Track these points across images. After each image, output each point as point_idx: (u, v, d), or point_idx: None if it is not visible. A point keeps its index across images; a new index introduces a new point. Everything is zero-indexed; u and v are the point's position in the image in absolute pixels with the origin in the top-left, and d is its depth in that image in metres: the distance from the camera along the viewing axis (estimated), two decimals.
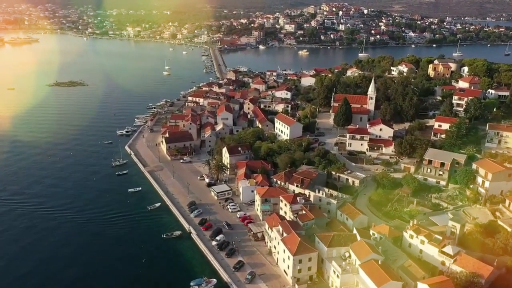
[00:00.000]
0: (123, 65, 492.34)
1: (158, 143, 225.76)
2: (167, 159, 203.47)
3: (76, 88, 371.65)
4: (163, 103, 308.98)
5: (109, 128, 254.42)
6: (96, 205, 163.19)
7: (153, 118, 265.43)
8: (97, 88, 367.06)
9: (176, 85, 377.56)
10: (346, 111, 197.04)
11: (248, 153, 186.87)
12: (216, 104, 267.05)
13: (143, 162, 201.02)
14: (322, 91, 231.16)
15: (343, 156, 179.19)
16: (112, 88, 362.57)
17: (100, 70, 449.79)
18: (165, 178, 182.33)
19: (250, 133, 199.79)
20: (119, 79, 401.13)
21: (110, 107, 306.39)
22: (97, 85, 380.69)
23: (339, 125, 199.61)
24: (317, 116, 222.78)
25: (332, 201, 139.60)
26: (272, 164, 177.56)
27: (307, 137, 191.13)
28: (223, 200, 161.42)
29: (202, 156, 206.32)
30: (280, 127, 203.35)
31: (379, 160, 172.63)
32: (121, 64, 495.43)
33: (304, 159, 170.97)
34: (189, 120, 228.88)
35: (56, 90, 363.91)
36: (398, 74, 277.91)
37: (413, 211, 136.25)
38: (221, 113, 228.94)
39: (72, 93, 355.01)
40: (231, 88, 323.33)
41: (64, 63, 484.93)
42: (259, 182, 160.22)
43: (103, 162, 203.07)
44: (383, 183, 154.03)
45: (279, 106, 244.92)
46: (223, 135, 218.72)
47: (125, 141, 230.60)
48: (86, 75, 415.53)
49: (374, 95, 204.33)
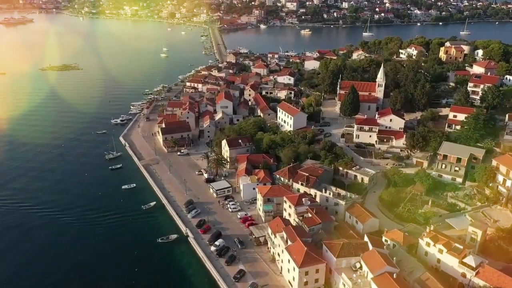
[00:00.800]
0: (119, 46, 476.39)
1: (154, 132, 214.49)
2: (163, 151, 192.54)
3: (70, 73, 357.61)
4: (160, 89, 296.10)
5: (103, 116, 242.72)
6: (86, 203, 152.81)
7: (149, 105, 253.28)
8: (91, 72, 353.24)
9: (174, 68, 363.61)
10: (354, 99, 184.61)
11: (249, 145, 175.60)
12: (215, 90, 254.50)
13: (138, 154, 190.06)
14: (327, 77, 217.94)
15: (351, 149, 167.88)
16: (107, 72, 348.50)
17: (96, 53, 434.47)
18: (161, 173, 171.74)
19: (251, 123, 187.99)
20: (115, 62, 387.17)
21: (105, 93, 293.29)
22: (92, 69, 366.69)
23: (346, 114, 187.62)
24: (322, 104, 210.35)
25: (340, 202, 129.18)
26: (275, 158, 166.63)
27: (312, 128, 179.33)
28: (222, 198, 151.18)
29: (200, 148, 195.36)
30: (283, 117, 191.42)
31: (389, 154, 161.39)
32: (118, 46, 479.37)
33: (309, 152, 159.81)
34: (187, 108, 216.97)
35: (49, 74, 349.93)
36: (407, 57, 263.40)
37: (428, 213, 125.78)
38: (220, 101, 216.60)
39: (66, 78, 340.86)
40: (231, 72, 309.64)
41: (58, 45, 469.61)
42: (261, 179, 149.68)
43: (96, 155, 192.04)
44: (394, 180, 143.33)
45: (282, 92, 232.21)
46: (223, 125, 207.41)
47: (119, 131, 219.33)
48: (81, 58, 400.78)
49: (383, 82, 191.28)
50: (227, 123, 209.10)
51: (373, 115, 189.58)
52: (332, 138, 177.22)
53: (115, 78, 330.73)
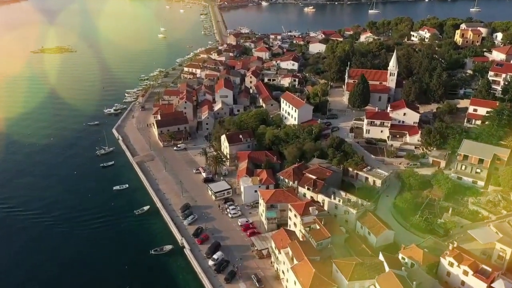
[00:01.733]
0: (116, 26, 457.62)
1: (149, 123, 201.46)
2: (159, 145, 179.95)
3: (64, 56, 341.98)
4: (157, 74, 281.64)
5: (96, 104, 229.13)
6: (74, 206, 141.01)
7: (144, 93, 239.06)
8: (86, 55, 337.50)
9: (172, 50, 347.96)
10: (364, 90, 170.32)
11: (250, 141, 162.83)
12: (214, 77, 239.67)
13: (132, 150, 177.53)
14: (334, 63, 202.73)
15: (360, 146, 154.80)
16: (102, 55, 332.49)
17: (91, 33, 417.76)
18: (156, 171, 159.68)
19: (253, 115, 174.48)
20: (110, 43, 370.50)
21: (99, 78, 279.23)
22: (86, 51, 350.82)
23: (355, 106, 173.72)
24: (329, 94, 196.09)
25: (351, 210, 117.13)
26: (278, 155, 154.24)
27: (318, 122, 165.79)
28: (222, 201, 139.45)
29: (198, 142, 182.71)
30: (286, 109, 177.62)
31: (403, 152, 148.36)
32: (114, 25, 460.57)
33: (316, 150, 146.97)
34: (184, 98, 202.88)
35: (41, 58, 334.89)
36: (419, 40, 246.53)
37: (448, 223, 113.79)
38: (220, 90, 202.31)
39: (59, 61, 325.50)
40: (231, 56, 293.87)
41: (53, 25, 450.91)
42: (264, 181, 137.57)
43: (87, 149, 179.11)
44: (409, 182, 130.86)
45: (285, 80, 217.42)
46: (222, 116, 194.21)
47: (113, 121, 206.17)
48: (76, 39, 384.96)
49: (396, 71, 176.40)
50: (227, 114, 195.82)
51: (384, 107, 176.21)
52: (340, 133, 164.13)
53: (110, 61, 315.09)
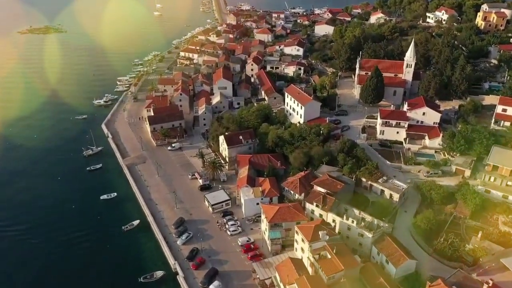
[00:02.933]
0: (109, 3, 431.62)
1: (141, 117, 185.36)
2: (151, 144, 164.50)
3: (52, 36, 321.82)
4: (151, 58, 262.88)
5: (85, 94, 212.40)
6: (55, 222, 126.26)
7: (137, 81, 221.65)
8: (76, 36, 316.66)
9: (168, 30, 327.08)
10: (378, 85, 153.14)
11: (251, 142, 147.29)
12: (212, 63, 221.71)
13: (122, 149, 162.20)
14: (344, 51, 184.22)
15: (374, 149, 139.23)
16: (94, 36, 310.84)
17: (82, 10, 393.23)
18: (148, 176, 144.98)
19: (254, 112, 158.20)
20: (102, 23, 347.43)
21: (90, 62, 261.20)
22: (76, 31, 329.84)
23: (368, 102, 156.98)
24: (338, 85, 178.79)
25: (366, 234, 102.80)
26: (283, 159, 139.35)
27: (327, 121, 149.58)
28: (219, 214, 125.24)
29: (195, 140, 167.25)
30: (291, 104, 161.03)
31: (422, 157, 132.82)
32: (107, 2, 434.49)
33: (324, 156, 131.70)
34: (179, 90, 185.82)
35: (28, 38, 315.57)
36: (436, 23, 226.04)
37: (478, 250, 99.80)
38: (218, 81, 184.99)
39: (47, 42, 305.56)
40: (231, 37, 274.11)
41: (41, 2, 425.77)
42: (266, 192, 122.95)
43: (73, 149, 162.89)
44: (430, 196, 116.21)
45: (290, 68, 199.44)
46: (221, 110, 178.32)
47: (102, 115, 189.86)
48: (65, 17, 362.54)
49: (413, 62, 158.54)
50: (226, 107, 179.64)
51: (400, 102, 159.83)
52: (351, 133, 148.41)
53: (102, 42, 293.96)
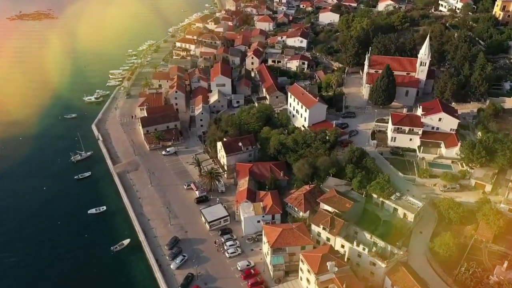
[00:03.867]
0: None
1: (134, 115, 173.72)
2: (144, 148, 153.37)
3: (42, 23, 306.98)
4: (146, 48, 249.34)
5: (75, 88, 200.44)
6: (39, 239, 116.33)
7: (131, 74, 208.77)
8: (67, 22, 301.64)
9: (164, 15, 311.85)
10: (389, 85, 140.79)
11: (252, 149, 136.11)
12: (210, 55, 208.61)
13: (113, 154, 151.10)
14: (351, 45, 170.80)
15: (384, 158, 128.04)
16: (86, 22, 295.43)
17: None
18: (140, 186, 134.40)
19: (255, 114, 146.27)
20: (95, 9, 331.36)
21: (81, 51, 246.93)
22: (68, 17, 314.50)
23: (378, 104, 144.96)
24: (345, 83, 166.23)
25: (379, 263, 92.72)
26: (285, 167, 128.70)
27: (333, 125, 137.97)
28: (217, 232, 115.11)
29: (191, 143, 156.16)
30: (295, 105, 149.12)
31: (438, 168, 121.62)
32: None
33: (331, 166, 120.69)
34: (175, 87, 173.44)
35: (18, 25, 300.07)
36: (450, 11, 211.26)
37: (504, 283, 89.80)
38: (216, 78, 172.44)
39: (37, 29, 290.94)
40: (231, 25, 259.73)
41: None
42: (268, 209, 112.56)
43: (61, 153, 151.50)
44: (449, 216, 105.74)
45: (293, 62, 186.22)
46: (219, 109, 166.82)
47: (93, 113, 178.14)
48: (57, 2, 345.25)
49: (428, 60, 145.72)
50: (224, 106, 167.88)
51: (412, 103, 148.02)
52: (359, 138, 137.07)
53: (95, 30, 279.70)
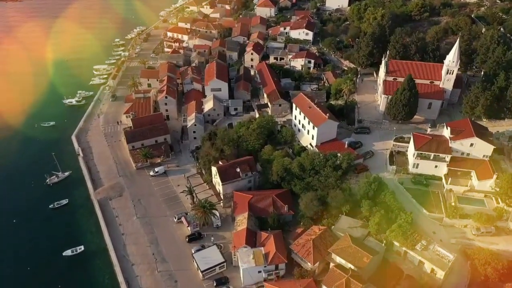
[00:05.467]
0: None
1: (119, 121, 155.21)
2: (130, 166, 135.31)
3: (13, 4, 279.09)
4: (135, 36, 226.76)
5: (54, 89, 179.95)
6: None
7: (117, 70, 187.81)
8: (43, 3, 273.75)
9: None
10: (411, 99, 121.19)
11: (251, 175, 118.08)
12: (206, 48, 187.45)
13: (95, 175, 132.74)
14: (365, 44, 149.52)
15: (405, 188, 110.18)
16: (68, 5, 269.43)
17: None
18: (123, 218, 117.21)
19: (255, 130, 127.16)
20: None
21: (60, 41, 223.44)
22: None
23: (397, 119, 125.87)
24: (357, 89, 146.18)
25: None
26: (291, 198, 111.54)
27: (345, 145, 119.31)
28: (212, 283, 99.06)
29: (183, 159, 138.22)
30: (301, 119, 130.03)
31: (469, 204, 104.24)
32: None
33: (345, 203, 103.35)
34: (164, 91, 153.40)
35: None
36: (476, 1, 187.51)
37: None
38: (211, 82, 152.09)
39: (4, 13, 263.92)
40: (228, 9, 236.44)
41: None
42: (271, 259, 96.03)
43: (35, 174, 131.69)
44: (485, 272, 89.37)
45: (297, 61, 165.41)
46: (214, 117, 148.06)
47: (74, 120, 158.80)
48: None
49: (456, 68, 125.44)
50: (220, 115, 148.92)
51: (435, 116, 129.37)
52: (376, 161, 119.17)
53: (77, 12, 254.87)
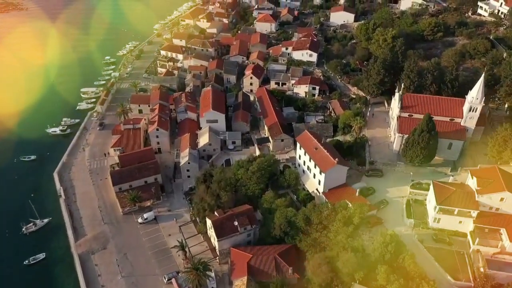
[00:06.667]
0: None
1: (107, 153, 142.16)
2: (116, 210, 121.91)
3: (9, 16, 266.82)
4: (127, 53, 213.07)
5: (37, 116, 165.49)
6: None
7: (106, 94, 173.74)
8: (38, 15, 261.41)
9: (150, 5, 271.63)
10: (430, 142, 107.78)
11: (251, 229, 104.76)
12: (201, 70, 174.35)
13: (76, 222, 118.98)
14: (376, 72, 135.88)
15: (425, 247, 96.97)
16: (57, 14, 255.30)
17: None
18: (107, 278, 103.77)
19: (255, 173, 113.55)
20: None
21: (49, 58, 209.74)
22: (40, 7, 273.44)
23: (414, 162, 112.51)
24: (366, 121, 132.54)
25: None
26: (296, 256, 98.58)
27: (357, 193, 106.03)
28: None
29: (175, 202, 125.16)
30: (306, 160, 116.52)
31: (500, 269, 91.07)
32: None
33: (359, 268, 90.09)
34: (155, 122, 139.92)
35: None
36: (492, 17, 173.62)
37: None
38: (206, 113, 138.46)
39: (1, 25, 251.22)
40: (226, 23, 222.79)
41: None
42: None
43: (9, 220, 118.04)
44: None
45: (301, 87, 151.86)
46: (210, 153, 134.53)
47: (57, 151, 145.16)
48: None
49: (481, 105, 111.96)
50: (217, 150, 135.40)
51: (455, 157, 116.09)
52: (391, 213, 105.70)
53: (68, 24, 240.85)
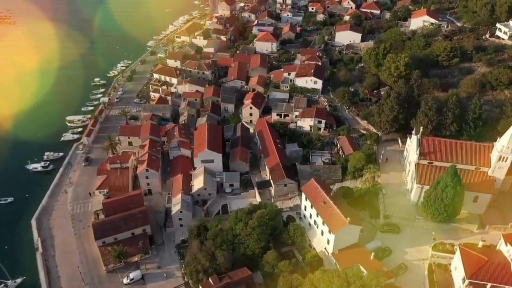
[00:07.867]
0: None
1: (92, 193, 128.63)
2: (99, 268, 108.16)
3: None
4: (117, 74, 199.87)
5: (17, 149, 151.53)
6: None
7: (93, 124, 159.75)
8: (26, 30, 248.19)
9: (144, 19, 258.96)
10: (455, 198, 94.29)
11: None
12: (197, 97, 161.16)
13: (54, 283, 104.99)
14: (389, 108, 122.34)
15: None
16: (48, 29, 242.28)
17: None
18: None
19: (255, 229, 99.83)
20: (61, 8, 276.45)
21: (36, 78, 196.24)
22: (28, 22, 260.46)
23: (436, 219, 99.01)
24: (380, 166, 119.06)
25: None
26: None
27: (372, 262, 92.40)
28: None
29: (166, 256, 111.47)
30: (312, 213, 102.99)
31: None
32: None
33: None
34: (145, 161, 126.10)
35: None
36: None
37: None
38: (200, 153, 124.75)
39: None
40: (223, 41, 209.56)
41: None
42: None
43: None
44: None
45: (305, 121, 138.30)
46: (205, 198, 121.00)
47: (37, 192, 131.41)
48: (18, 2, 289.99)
49: (511, 155, 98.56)
50: (213, 195, 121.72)
51: (482, 211, 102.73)
52: (410, 280, 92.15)
53: (55, 43, 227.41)
